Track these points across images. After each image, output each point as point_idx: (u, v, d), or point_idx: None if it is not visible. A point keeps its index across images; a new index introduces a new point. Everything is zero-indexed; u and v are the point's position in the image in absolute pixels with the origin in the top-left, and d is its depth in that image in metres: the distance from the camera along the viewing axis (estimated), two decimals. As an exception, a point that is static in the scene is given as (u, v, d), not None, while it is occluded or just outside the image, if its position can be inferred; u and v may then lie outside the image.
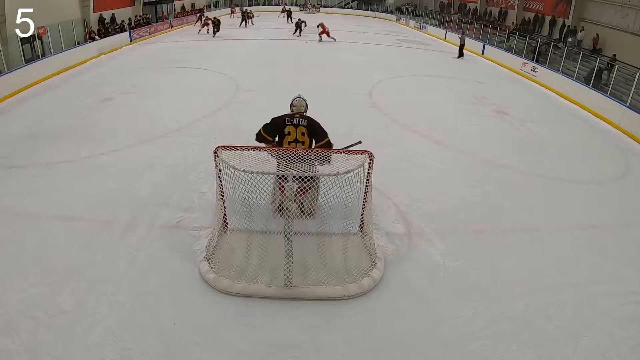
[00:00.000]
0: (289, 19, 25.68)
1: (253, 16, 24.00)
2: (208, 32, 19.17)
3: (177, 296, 3.65)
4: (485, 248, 4.54)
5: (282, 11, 28.37)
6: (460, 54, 16.63)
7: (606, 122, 9.57)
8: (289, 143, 4.18)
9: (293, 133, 4.15)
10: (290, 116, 4.21)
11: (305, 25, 20.54)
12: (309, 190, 3.90)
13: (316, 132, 4.20)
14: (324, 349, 3.23)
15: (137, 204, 5.00)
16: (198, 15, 22.13)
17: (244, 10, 24.68)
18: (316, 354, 3.19)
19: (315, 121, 4.21)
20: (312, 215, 4.31)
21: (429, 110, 9.08)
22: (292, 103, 4.37)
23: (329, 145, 4.21)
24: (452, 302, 3.74)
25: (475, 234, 4.79)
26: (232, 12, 28.37)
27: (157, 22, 20.62)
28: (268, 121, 4.35)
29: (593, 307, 3.76)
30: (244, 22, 22.98)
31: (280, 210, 3.65)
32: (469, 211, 5.20)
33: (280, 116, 4.27)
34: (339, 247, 4.17)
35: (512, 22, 20.19)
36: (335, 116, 7.63)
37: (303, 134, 4.15)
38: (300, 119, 4.17)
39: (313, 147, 4.26)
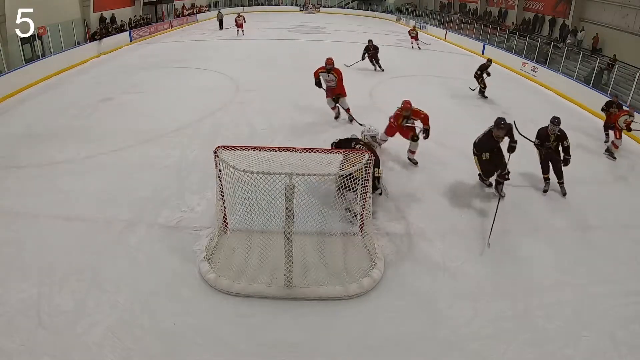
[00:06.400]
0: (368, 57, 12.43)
1: None
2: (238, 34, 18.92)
3: (177, 296, 3.65)
4: (485, 248, 4.54)
5: (370, 56, 12.44)
6: None
7: (606, 122, 9.54)
8: None
9: None
10: (356, 141, 5.05)
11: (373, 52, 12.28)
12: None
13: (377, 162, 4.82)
14: (324, 348, 3.24)
15: (137, 204, 5.01)
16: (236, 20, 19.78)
17: None
18: (316, 354, 3.20)
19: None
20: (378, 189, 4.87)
21: (429, 110, 8.95)
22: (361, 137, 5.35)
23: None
24: (452, 302, 3.75)
25: (476, 234, 4.79)
26: (240, 26, 19.20)
27: (157, 22, 20.61)
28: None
29: (593, 307, 3.76)
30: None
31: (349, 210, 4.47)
32: (468, 211, 5.20)
33: (346, 139, 5.08)
34: (339, 247, 4.18)
35: (512, 22, 20.16)
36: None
37: None
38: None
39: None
